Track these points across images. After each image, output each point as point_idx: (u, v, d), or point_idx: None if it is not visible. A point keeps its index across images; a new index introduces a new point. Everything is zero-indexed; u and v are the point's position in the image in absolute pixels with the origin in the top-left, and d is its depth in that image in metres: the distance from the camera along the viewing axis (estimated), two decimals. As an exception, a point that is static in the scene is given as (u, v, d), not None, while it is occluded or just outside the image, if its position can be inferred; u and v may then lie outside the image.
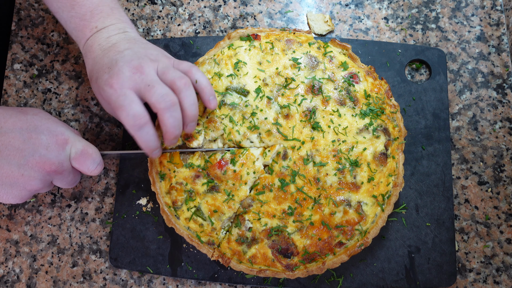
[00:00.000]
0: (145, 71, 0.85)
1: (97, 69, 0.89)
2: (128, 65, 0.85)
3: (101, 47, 0.92)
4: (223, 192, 0.95)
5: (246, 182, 0.95)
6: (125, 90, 0.84)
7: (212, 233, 0.95)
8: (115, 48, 0.90)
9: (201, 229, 0.95)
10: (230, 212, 0.95)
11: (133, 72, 0.85)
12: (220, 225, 0.95)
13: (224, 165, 0.95)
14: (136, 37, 0.95)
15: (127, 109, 0.83)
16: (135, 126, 0.84)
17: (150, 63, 0.87)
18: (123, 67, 0.85)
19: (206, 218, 0.95)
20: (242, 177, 0.95)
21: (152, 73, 0.86)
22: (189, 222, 0.95)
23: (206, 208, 0.95)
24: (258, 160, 0.96)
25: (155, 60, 0.89)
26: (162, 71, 0.88)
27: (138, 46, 0.91)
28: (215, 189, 0.95)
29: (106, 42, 0.92)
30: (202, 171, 0.97)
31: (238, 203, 0.95)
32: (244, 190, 0.95)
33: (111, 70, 0.85)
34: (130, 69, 0.85)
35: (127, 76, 0.84)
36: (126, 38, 0.93)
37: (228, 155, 0.96)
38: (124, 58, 0.87)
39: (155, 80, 0.86)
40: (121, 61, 0.86)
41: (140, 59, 0.87)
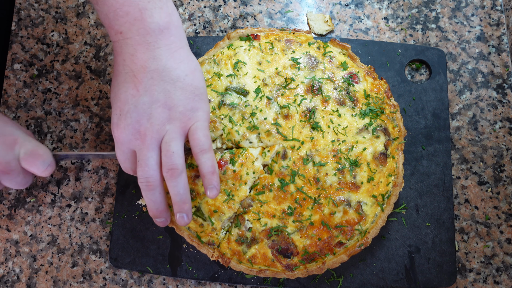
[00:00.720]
0: (146, 141, 0.80)
1: (115, 93, 0.82)
2: (134, 127, 0.79)
3: (124, 67, 0.80)
4: (223, 192, 0.95)
5: (245, 182, 0.95)
6: (124, 148, 0.82)
7: (212, 233, 0.95)
8: (136, 81, 0.79)
9: (201, 229, 0.95)
10: (230, 212, 0.95)
11: (135, 138, 0.80)
12: (220, 225, 0.95)
13: (224, 165, 0.95)
14: (166, 66, 0.79)
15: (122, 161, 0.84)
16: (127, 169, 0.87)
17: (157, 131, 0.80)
18: (128, 125, 0.80)
19: (206, 218, 0.95)
20: (241, 177, 0.95)
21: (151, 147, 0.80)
22: None
23: (206, 208, 0.95)
24: (257, 160, 0.96)
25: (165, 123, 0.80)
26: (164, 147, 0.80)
27: (162, 88, 0.79)
28: None
29: (130, 61, 0.79)
30: None
31: (238, 203, 0.95)
32: (244, 190, 0.95)
33: (119, 118, 0.81)
34: (134, 131, 0.80)
35: (129, 138, 0.81)
36: (153, 69, 0.78)
37: (227, 155, 0.96)
38: (134, 112, 0.79)
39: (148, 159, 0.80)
40: (130, 116, 0.79)
41: (149, 120, 0.79)
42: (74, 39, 1.19)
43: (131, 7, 0.76)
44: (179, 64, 0.81)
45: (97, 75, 1.16)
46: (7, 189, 1.10)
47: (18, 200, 1.09)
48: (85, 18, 1.20)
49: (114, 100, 0.83)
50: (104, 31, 1.19)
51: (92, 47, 1.18)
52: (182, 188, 0.81)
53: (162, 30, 0.79)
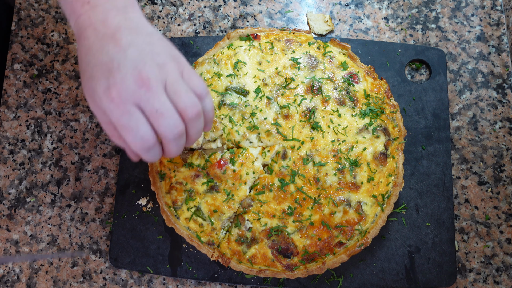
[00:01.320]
0: (152, 86, 0.73)
1: (92, 65, 0.75)
2: (132, 74, 0.72)
3: (96, 34, 0.76)
4: (223, 192, 0.95)
5: (245, 182, 0.95)
6: (129, 107, 0.72)
7: (212, 233, 0.95)
8: (115, 40, 0.75)
9: (201, 229, 0.95)
10: (230, 212, 0.95)
11: (139, 86, 0.72)
12: (220, 225, 0.95)
13: (224, 164, 0.95)
14: (139, 23, 0.79)
15: (135, 131, 0.73)
16: (144, 149, 0.76)
17: (158, 72, 0.74)
18: (126, 75, 0.72)
19: (206, 218, 0.95)
20: (241, 176, 0.95)
21: (160, 91, 0.74)
22: (189, 222, 0.95)
23: (206, 208, 0.95)
24: (257, 160, 0.96)
25: (162, 67, 0.75)
26: (172, 88, 0.75)
27: (143, 39, 0.76)
28: (215, 188, 0.95)
29: (103, 27, 0.76)
30: (202, 171, 0.97)
31: (238, 203, 0.95)
32: (243, 190, 0.95)
33: (111, 76, 0.72)
34: (134, 79, 0.72)
35: (132, 89, 0.72)
36: (128, 26, 0.77)
37: (227, 155, 0.96)
38: (127, 61, 0.73)
39: (164, 103, 0.74)
40: (124, 66, 0.73)
41: (146, 64, 0.74)
42: (74, 39, 1.19)
43: None
44: (148, 24, 0.81)
45: (97, 75, 1.16)
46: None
47: (18, 200, 1.09)
48: (85, 18, 1.20)
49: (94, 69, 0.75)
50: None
51: (92, 47, 1.18)
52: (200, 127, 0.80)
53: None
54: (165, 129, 0.75)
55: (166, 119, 0.74)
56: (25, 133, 1.13)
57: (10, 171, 1.11)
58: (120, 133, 0.75)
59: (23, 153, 1.12)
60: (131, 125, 0.73)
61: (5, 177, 1.10)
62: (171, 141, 0.76)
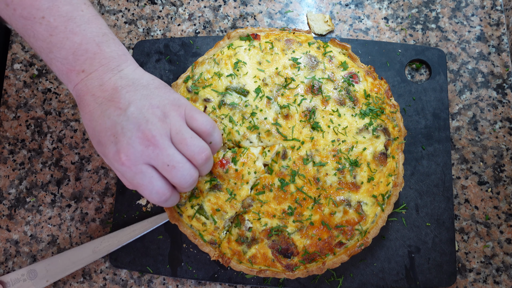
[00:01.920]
0: (159, 142, 0.75)
1: (98, 131, 0.78)
2: (137, 135, 0.75)
3: (96, 100, 0.78)
4: (225, 191, 0.95)
5: (247, 181, 0.95)
6: (140, 167, 0.75)
7: (215, 232, 0.95)
8: (114, 102, 0.77)
9: (204, 227, 0.95)
10: (233, 212, 0.95)
11: (145, 146, 0.75)
12: (223, 224, 0.95)
13: (226, 163, 0.95)
14: (134, 77, 0.81)
15: (149, 188, 0.77)
16: (161, 202, 0.80)
17: (161, 127, 0.76)
18: (131, 138, 0.74)
19: (209, 216, 0.95)
20: (243, 176, 0.95)
21: (166, 145, 0.76)
22: (192, 220, 0.95)
23: (209, 207, 0.95)
24: (258, 160, 0.96)
25: (164, 118, 0.77)
26: (177, 138, 0.78)
27: (140, 94, 0.79)
28: (217, 187, 0.95)
29: (100, 91, 0.78)
30: None
31: (240, 202, 0.95)
32: (245, 189, 0.95)
33: (118, 141, 0.75)
34: (140, 140, 0.75)
35: (139, 150, 0.75)
36: (124, 84, 0.79)
37: (229, 154, 0.96)
38: (129, 123, 0.75)
39: (173, 156, 0.77)
40: (128, 129, 0.75)
41: (148, 122, 0.76)
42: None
43: (89, 44, 0.80)
44: (143, 75, 0.83)
45: (97, 75, 1.16)
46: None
47: (18, 200, 1.09)
48: (85, 18, 1.20)
49: (100, 135, 0.77)
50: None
51: (92, 47, 1.18)
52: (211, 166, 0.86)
53: (120, 56, 0.82)
54: (180, 180, 0.79)
55: (179, 171, 0.78)
56: (25, 133, 1.13)
57: (10, 171, 1.11)
58: (137, 191, 0.79)
59: (23, 153, 1.12)
60: (145, 183, 0.77)
61: (5, 177, 1.10)
62: (187, 188, 0.82)
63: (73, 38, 0.79)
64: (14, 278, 0.97)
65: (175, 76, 1.12)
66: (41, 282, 0.98)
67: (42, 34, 0.79)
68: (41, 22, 0.78)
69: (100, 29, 0.82)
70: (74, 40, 0.79)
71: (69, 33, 0.79)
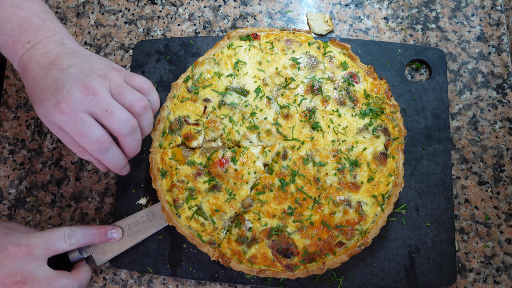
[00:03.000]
0: (98, 91, 0.79)
1: (40, 90, 0.80)
2: (77, 86, 0.78)
3: (39, 65, 0.83)
4: (225, 191, 0.95)
5: (247, 181, 0.95)
6: (80, 115, 0.78)
7: (214, 233, 0.95)
8: (57, 65, 0.82)
9: (203, 228, 0.95)
10: (232, 212, 0.95)
11: (85, 94, 0.78)
12: (222, 224, 0.95)
13: (225, 163, 0.95)
14: (76, 49, 0.87)
15: (88, 135, 0.79)
16: (100, 151, 0.81)
17: (101, 81, 0.80)
18: (72, 88, 0.77)
19: (207, 217, 0.95)
20: (243, 176, 0.95)
21: (106, 94, 0.80)
22: (190, 221, 0.95)
23: (207, 207, 0.95)
24: (258, 160, 0.96)
25: (104, 76, 0.82)
26: (117, 90, 0.82)
27: (82, 60, 0.83)
28: (216, 188, 0.95)
29: (44, 58, 0.83)
30: (204, 169, 0.97)
31: (240, 202, 0.95)
32: (245, 189, 0.95)
33: (59, 93, 0.77)
34: (80, 90, 0.78)
35: (79, 98, 0.77)
36: (67, 52, 0.84)
37: (229, 153, 0.96)
38: (70, 77, 0.79)
39: (112, 103, 0.80)
40: (68, 82, 0.78)
41: (88, 76, 0.80)
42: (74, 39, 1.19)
43: (34, 19, 0.87)
44: (84, 49, 0.89)
45: (97, 75, 1.16)
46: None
47: (18, 200, 1.09)
48: (85, 18, 1.20)
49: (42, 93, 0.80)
50: (104, 31, 1.19)
51: (92, 47, 1.18)
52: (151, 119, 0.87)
53: (63, 31, 0.89)
54: (118, 125, 0.81)
55: (117, 116, 0.80)
56: (25, 133, 1.13)
57: (10, 171, 1.11)
58: (77, 141, 0.80)
59: (23, 153, 1.12)
60: (85, 130, 0.78)
61: (5, 177, 1.10)
62: (127, 136, 0.83)
63: (19, 12, 0.86)
64: (134, 221, 1.01)
65: (175, 76, 1.12)
66: (159, 222, 1.02)
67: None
68: None
69: (44, 8, 0.90)
70: (20, 14, 0.86)
71: (15, 7, 0.86)
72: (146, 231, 1.01)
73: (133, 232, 1.01)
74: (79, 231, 0.93)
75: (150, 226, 1.01)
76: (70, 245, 0.91)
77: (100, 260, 0.98)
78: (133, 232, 1.01)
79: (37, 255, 0.87)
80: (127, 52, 1.17)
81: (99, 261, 0.98)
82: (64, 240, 0.90)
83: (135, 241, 1.00)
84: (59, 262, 0.97)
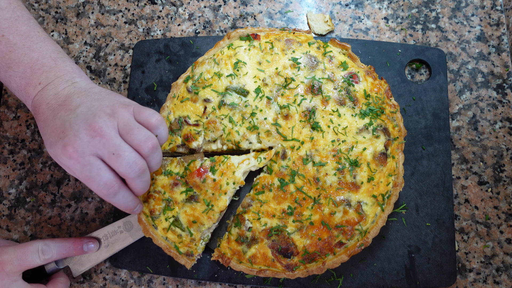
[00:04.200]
0: (105, 133, 0.76)
1: (49, 133, 0.79)
2: (84, 127, 0.76)
3: (50, 107, 0.82)
4: (202, 202, 0.94)
5: (225, 192, 0.94)
6: (88, 158, 0.76)
7: (191, 244, 0.94)
8: (66, 105, 0.80)
9: (180, 239, 0.94)
10: (210, 223, 0.94)
11: (92, 136, 0.76)
12: (200, 235, 0.94)
13: (203, 172, 0.94)
14: (87, 87, 0.85)
15: (97, 180, 0.77)
16: (109, 195, 0.79)
17: (108, 120, 0.78)
18: (78, 130, 0.76)
19: (184, 228, 0.94)
20: (221, 186, 0.94)
21: (113, 135, 0.77)
22: (167, 233, 0.94)
23: (185, 219, 0.94)
24: (238, 170, 0.95)
25: (112, 114, 0.79)
26: (125, 129, 0.79)
27: (91, 98, 0.82)
28: (194, 198, 0.94)
29: (54, 100, 0.82)
30: (181, 179, 0.95)
31: (218, 213, 0.94)
32: (223, 200, 0.94)
33: (66, 136, 0.76)
34: (87, 132, 0.76)
35: (86, 141, 0.75)
36: (76, 91, 0.83)
37: (207, 163, 0.95)
38: (78, 118, 0.77)
39: (119, 145, 0.77)
40: (75, 123, 0.76)
41: (96, 116, 0.77)
42: (74, 39, 1.19)
43: (45, 59, 0.86)
44: (96, 86, 0.88)
45: (97, 75, 1.16)
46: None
47: (18, 200, 1.09)
48: (85, 18, 1.20)
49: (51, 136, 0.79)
50: (104, 31, 1.19)
51: (92, 47, 1.18)
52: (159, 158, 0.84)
53: (74, 70, 0.89)
54: (125, 169, 0.78)
55: (124, 159, 0.77)
56: (25, 133, 1.13)
57: (10, 171, 1.11)
58: (87, 185, 0.78)
59: (23, 153, 1.12)
60: (93, 175, 0.76)
61: (5, 177, 1.10)
62: (135, 178, 0.80)
63: (30, 54, 0.86)
64: (111, 231, 0.99)
65: (175, 76, 1.12)
66: (137, 233, 0.99)
67: (2, 50, 0.85)
68: (1, 40, 0.85)
69: (56, 48, 0.89)
70: (31, 55, 0.86)
71: (27, 49, 0.86)
72: (123, 242, 0.99)
73: (110, 243, 0.98)
74: (54, 245, 0.91)
75: (127, 237, 0.99)
76: (44, 260, 0.89)
77: (77, 271, 0.97)
78: (110, 242, 0.98)
79: (10, 271, 0.85)
80: (127, 52, 1.17)
81: (76, 272, 0.97)
82: (38, 255, 0.88)
83: (112, 251, 0.98)
84: (36, 273, 0.95)
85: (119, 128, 0.79)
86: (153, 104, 1.10)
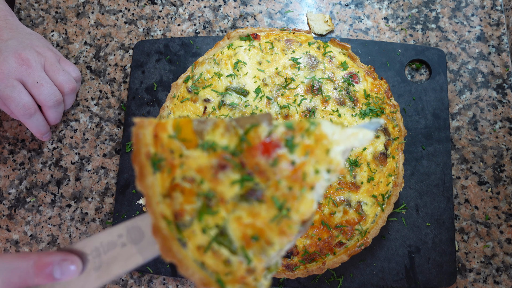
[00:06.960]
0: (32, 64, 0.88)
1: None
2: (13, 55, 0.87)
3: None
4: (270, 203, 0.51)
5: (312, 186, 0.51)
6: (12, 81, 0.87)
7: (248, 278, 0.51)
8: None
9: (227, 268, 0.52)
10: (283, 241, 0.51)
11: (19, 64, 0.87)
12: (264, 263, 0.51)
13: (274, 148, 0.51)
14: (18, 26, 0.95)
15: (17, 100, 0.87)
16: (26, 115, 0.91)
17: (37, 56, 0.90)
18: (8, 57, 0.87)
19: (236, 249, 0.52)
20: (306, 176, 0.51)
21: (39, 68, 0.89)
22: (204, 255, 0.52)
23: (237, 231, 0.52)
24: (336, 147, 0.51)
25: (40, 53, 0.91)
26: (51, 68, 0.91)
27: (22, 36, 0.93)
28: (255, 194, 0.52)
29: None
30: (232, 158, 0.53)
31: (298, 224, 0.51)
32: (308, 201, 0.51)
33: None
34: (16, 59, 0.87)
35: (13, 66, 0.87)
36: (8, 27, 0.93)
37: (281, 130, 0.52)
38: (8, 47, 0.88)
39: (43, 77, 0.90)
40: (6, 51, 0.87)
41: (25, 49, 0.89)
42: (74, 39, 1.19)
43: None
44: (27, 28, 0.97)
45: (97, 75, 1.16)
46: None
47: (18, 200, 1.09)
48: (85, 18, 1.20)
49: None
50: (104, 31, 1.19)
51: (92, 47, 1.18)
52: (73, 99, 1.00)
53: (8, 10, 0.97)
54: (45, 97, 0.91)
55: (46, 89, 0.90)
56: (25, 133, 1.13)
57: (10, 171, 1.11)
58: (5, 103, 0.89)
59: (23, 153, 1.12)
60: (14, 95, 0.88)
61: (5, 177, 1.10)
62: (51, 107, 0.93)
63: None
64: (107, 242, 0.57)
65: (175, 76, 1.12)
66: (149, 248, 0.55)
67: None
68: None
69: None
70: None
71: None
72: (126, 262, 0.56)
73: (103, 263, 0.56)
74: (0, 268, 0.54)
75: (133, 254, 0.56)
76: None
77: None
78: (104, 262, 0.56)
79: None
80: (127, 52, 1.17)
81: None
82: None
83: (107, 277, 0.56)
84: None
85: (45, 66, 0.91)
86: (153, 104, 1.11)
